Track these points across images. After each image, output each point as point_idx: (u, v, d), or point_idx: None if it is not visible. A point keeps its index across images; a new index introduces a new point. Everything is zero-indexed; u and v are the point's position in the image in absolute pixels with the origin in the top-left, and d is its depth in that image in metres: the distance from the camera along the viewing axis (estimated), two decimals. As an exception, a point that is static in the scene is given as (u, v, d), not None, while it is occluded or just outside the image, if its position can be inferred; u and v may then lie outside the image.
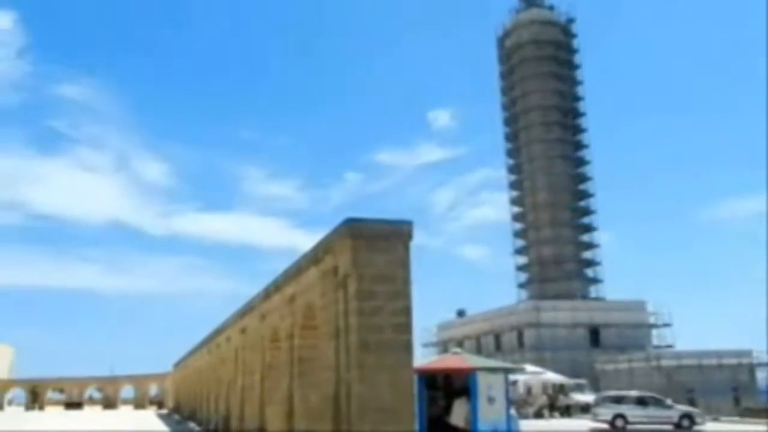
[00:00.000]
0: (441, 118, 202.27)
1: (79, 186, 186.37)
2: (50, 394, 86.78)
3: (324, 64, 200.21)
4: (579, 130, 76.15)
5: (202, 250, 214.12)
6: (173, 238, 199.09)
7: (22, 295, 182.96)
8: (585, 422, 37.41)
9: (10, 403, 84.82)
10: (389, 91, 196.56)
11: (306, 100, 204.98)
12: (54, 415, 65.21)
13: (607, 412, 31.90)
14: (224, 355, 30.24)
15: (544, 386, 44.10)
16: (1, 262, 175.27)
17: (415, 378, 13.03)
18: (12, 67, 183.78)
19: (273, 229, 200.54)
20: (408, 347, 12.06)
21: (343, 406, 12.21)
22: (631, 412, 31.42)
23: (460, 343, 61.19)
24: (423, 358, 14.36)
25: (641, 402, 32.11)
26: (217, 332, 32.94)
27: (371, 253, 12.11)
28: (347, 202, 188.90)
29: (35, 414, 70.24)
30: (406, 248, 12.40)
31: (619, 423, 31.14)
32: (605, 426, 31.44)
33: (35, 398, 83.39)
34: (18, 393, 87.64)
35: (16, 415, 68.17)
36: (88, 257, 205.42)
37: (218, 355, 32.47)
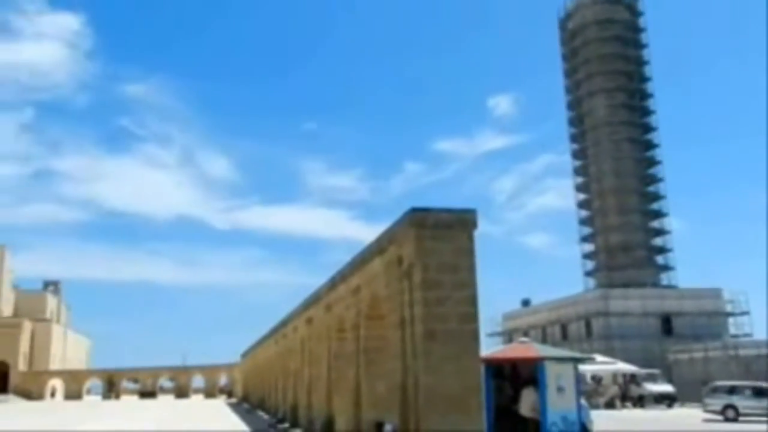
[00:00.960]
0: (502, 104, 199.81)
1: (147, 182, 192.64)
2: (125, 384, 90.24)
3: (383, 53, 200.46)
4: (647, 111, 73.74)
5: (265, 243, 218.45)
6: (237, 232, 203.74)
7: (98, 289, 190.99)
8: (661, 413, 36.39)
9: (88, 392, 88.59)
10: (449, 78, 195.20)
11: (366, 91, 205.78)
12: (129, 403, 67.77)
13: (718, 402, 30.19)
14: (291, 345, 30.69)
15: (615, 376, 43.12)
16: (77, 257, 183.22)
17: (482, 367, 12.86)
18: (82, 69, 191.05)
19: (334, 220, 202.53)
20: (475, 336, 11.92)
21: (410, 396, 12.18)
22: (744, 402, 29.49)
23: (525, 333, 60.41)
24: (487, 348, 14.19)
25: (758, 393, 29.82)
26: (283, 323, 33.46)
27: (436, 242, 12.00)
28: (407, 192, 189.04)
29: (112, 403, 73.17)
30: (471, 237, 12.24)
31: (731, 414, 29.33)
32: (716, 417, 29.80)
33: (111, 388, 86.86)
34: (95, 383, 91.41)
35: (94, 404, 71.18)
36: (157, 251, 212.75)
37: (285, 346, 32.99)
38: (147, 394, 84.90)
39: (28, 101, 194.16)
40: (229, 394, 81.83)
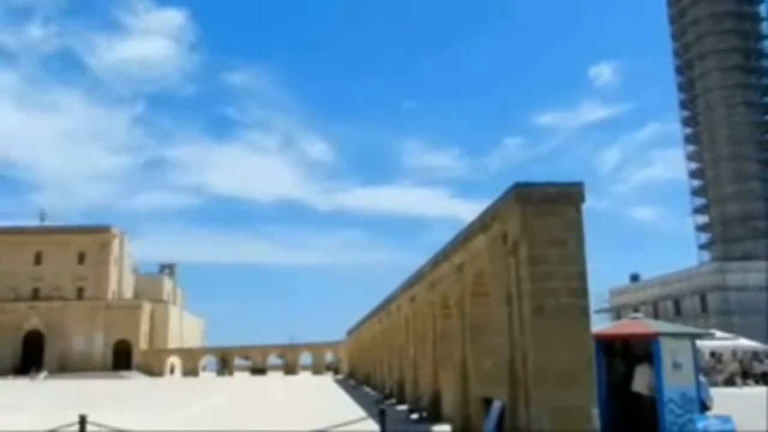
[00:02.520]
0: (604, 73, 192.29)
1: (252, 167, 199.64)
2: (237, 361, 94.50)
3: (478, 27, 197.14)
4: (764, 72, 68.92)
5: (366, 224, 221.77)
6: (338, 213, 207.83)
7: (209, 271, 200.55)
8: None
9: (203, 369, 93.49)
10: (548, 49, 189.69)
11: (463, 67, 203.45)
12: (243, 379, 70.95)
13: None
14: (395, 323, 31.07)
15: (735, 352, 40.99)
16: (189, 241, 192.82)
17: (593, 344, 12.53)
18: (187, 61, 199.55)
19: (433, 199, 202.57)
20: (585, 312, 11.63)
21: (519, 371, 12.06)
22: None
23: (635, 309, 58.34)
24: (595, 325, 13.75)
25: None
26: (387, 301, 33.89)
27: (541, 217, 11.74)
28: (507, 169, 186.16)
29: (226, 378, 76.86)
30: (578, 211, 11.89)
31: None
32: None
33: (225, 365, 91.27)
34: (210, 360, 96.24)
35: (210, 379, 75.02)
36: (262, 233, 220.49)
37: (388, 324, 33.44)
38: (258, 370, 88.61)
39: (139, 95, 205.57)
40: (336, 371, 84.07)
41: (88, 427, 9.67)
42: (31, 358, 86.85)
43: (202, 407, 28.85)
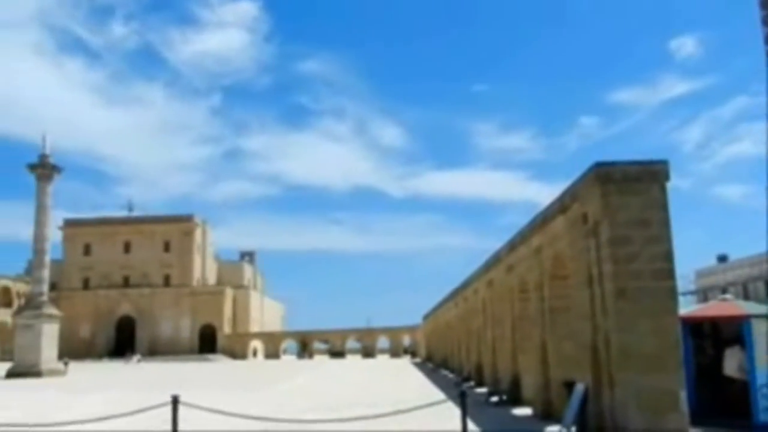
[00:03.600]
0: (686, 45, 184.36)
1: (325, 155, 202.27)
2: (316, 345, 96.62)
3: (549, 1, 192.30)
4: None
5: (440, 208, 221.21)
6: (412, 198, 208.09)
7: (287, 257, 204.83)
8: None
9: (284, 352, 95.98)
10: (625, 23, 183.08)
11: (535, 45, 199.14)
12: (323, 362, 72.45)
13: None
14: (472, 307, 31.04)
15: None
16: (268, 229, 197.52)
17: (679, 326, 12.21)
18: (261, 52, 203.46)
19: (507, 182, 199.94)
20: (671, 293, 11.34)
21: (601, 355, 11.90)
22: None
23: (723, 291, 56.17)
24: (681, 307, 13.28)
25: None
26: (464, 285, 33.87)
27: (623, 196, 11.48)
28: (583, 149, 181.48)
29: (307, 361, 78.69)
30: (663, 189, 11.56)
31: None
32: None
33: (304, 348, 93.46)
34: (290, 344, 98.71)
35: (291, 362, 76.96)
36: (337, 220, 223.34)
37: (465, 308, 33.43)
38: (336, 353, 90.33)
39: (216, 87, 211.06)
40: (413, 354, 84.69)
41: (180, 407, 10.19)
42: (123, 341, 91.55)
43: (287, 388, 29.74)
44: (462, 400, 10.49)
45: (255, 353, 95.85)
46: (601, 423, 11.82)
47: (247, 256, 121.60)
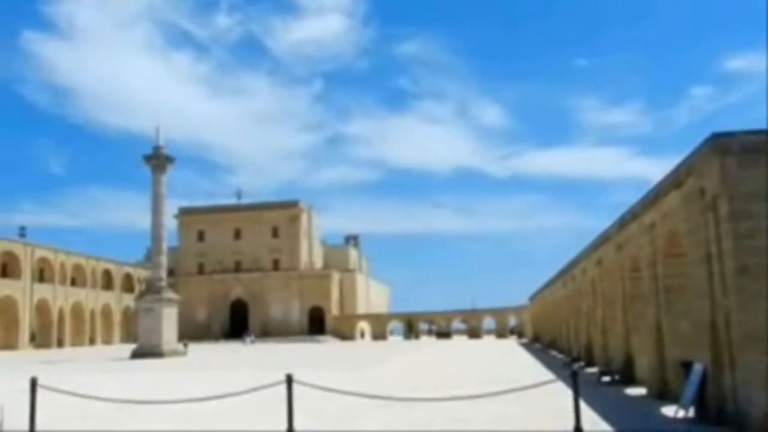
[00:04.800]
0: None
1: (426, 138, 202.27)
2: (421, 326, 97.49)
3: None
4: None
5: (543, 187, 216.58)
6: (515, 178, 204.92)
7: (391, 240, 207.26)
8: None
9: (390, 333, 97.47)
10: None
11: (639, 12, 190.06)
12: (430, 343, 73.06)
13: None
14: (580, 286, 30.39)
15: None
16: (371, 212, 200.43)
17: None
18: (360, 36, 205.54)
19: (613, 158, 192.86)
20: (797, 270, 10.68)
21: (721, 334, 11.43)
22: None
23: None
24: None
25: None
26: (571, 265, 33.18)
27: (744, 169, 10.90)
28: (695, 122, 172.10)
29: (413, 342, 79.58)
30: (787, 160, 10.88)
31: None
32: None
33: (410, 329, 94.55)
34: (396, 325, 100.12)
35: (398, 342, 78.08)
36: (439, 203, 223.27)
37: (573, 288, 32.76)
38: (442, 334, 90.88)
39: (317, 73, 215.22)
40: (520, 335, 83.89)
41: (294, 385, 10.65)
42: (237, 324, 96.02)
43: (396, 367, 30.28)
44: (573, 379, 10.40)
45: (362, 334, 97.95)
46: (722, 405, 11.39)
47: (352, 240, 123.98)
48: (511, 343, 64.54)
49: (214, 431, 12.28)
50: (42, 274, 76.41)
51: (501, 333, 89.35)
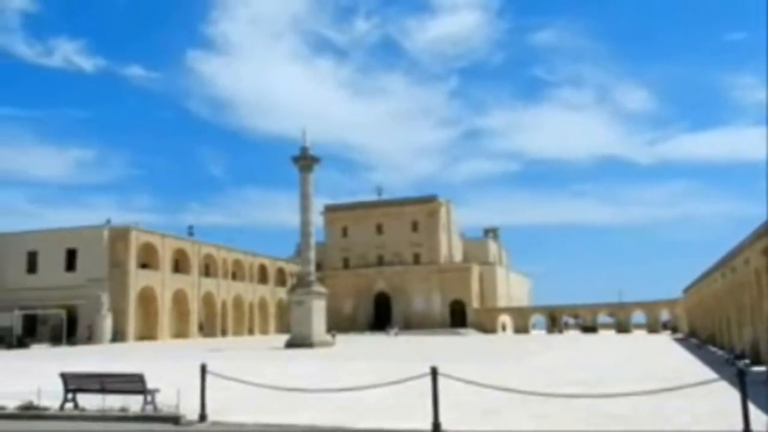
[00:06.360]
0: None
1: (565, 126, 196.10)
2: (565, 319, 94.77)
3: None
4: None
5: (694, 173, 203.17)
6: (662, 164, 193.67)
7: (530, 232, 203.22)
8: None
9: (533, 327, 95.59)
10: None
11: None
12: (575, 337, 70.96)
13: None
14: (742, 278, 28.32)
15: None
16: (509, 205, 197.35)
17: None
18: (494, 29, 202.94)
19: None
20: None
21: None
22: None
23: None
24: None
25: None
26: (730, 255, 30.98)
27: None
28: None
29: (557, 336, 77.62)
30: None
31: None
32: None
33: (553, 322, 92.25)
34: (538, 318, 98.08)
35: (541, 336, 76.49)
36: (581, 192, 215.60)
37: (734, 279, 30.58)
38: (588, 329, 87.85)
39: (453, 69, 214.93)
40: (673, 330, 79.35)
41: (439, 378, 10.80)
42: (381, 316, 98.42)
43: (542, 361, 29.71)
44: (740, 378, 9.77)
45: (504, 327, 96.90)
46: None
47: (491, 232, 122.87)
48: (665, 339, 61.23)
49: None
50: (207, 269, 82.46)
51: (652, 328, 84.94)
